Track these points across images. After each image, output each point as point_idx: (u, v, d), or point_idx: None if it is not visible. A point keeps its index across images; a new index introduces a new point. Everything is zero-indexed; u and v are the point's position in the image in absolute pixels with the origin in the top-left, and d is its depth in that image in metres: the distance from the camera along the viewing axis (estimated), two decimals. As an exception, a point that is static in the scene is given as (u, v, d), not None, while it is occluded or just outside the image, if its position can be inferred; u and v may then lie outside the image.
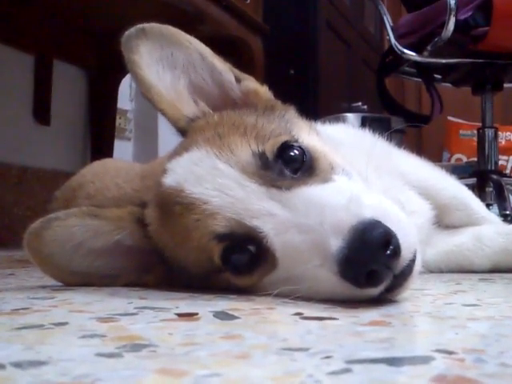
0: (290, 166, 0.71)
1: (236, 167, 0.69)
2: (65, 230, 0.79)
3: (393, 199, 0.70)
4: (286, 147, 0.72)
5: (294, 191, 0.67)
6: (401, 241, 0.59)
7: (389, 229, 0.59)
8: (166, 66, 0.84)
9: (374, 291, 0.61)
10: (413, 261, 0.62)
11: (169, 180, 0.75)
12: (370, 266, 0.58)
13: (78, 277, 0.82)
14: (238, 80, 0.88)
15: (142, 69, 0.82)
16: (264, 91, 0.89)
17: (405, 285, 0.63)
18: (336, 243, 0.59)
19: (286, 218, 0.65)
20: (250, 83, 0.88)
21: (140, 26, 0.83)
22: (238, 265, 0.70)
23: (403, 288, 0.63)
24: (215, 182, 0.69)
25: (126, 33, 0.83)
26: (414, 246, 0.63)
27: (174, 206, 0.73)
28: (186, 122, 0.82)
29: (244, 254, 0.69)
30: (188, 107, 0.84)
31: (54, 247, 0.79)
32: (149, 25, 0.84)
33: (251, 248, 0.68)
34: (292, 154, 0.72)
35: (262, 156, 0.70)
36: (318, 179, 0.70)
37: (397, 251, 0.59)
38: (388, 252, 0.58)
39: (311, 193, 0.66)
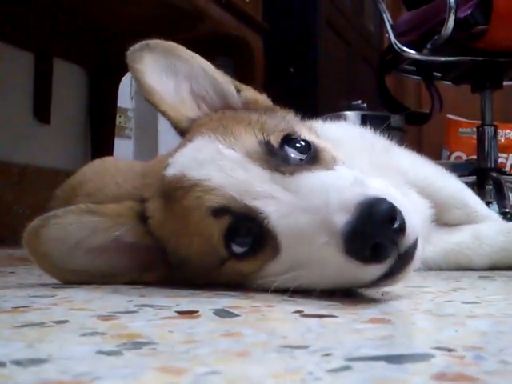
0: (295, 155, 0.72)
1: (240, 151, 0.70)
2: (62, 227, 0.78)
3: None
4: (290, 139, 0.73)
5: (297, 176, 0.67)
6: (406, 218, 0.60)
7: (395, 205, 0.59)
8: (169, 73, 0.87)
9: (379, 269, 0.60)
10: (415, 245, 0.62)
11: (171, 170, 0.76)
12: (376, 238, 0.58)
13: (77, 275, 0.81)
14: (237, 91, 0.90)
15: (145, 75, 0.85)
16: (263, 99, 0.91)
17: (407, 268, 0.62)
18: (342, 219, 0.59)
19: (288, 201, 0.65)
20: (249, 93, 0.90)
21: (144, 41, 0.87)
22: (240, 247, 0.69)
23: (405, 272, 0.63)
24: (217, 164, 0.70)
25: (131, 48, 0.86)
26: (417, 228, 0.62)
27: (175, 192, 0.73)
28: (188, 122, 0.83)
29: (246, 236, 0.69)
30: (191, 110, 0.86)
31: (52, 245, 0.78)
32: (153, 41, 0.87)
33: (253, 228, 0.68)
34: (297, 144, 0.73)
35: (267, 144, 0.71)
36: (321, 167, 0.70)
37: (402, 227, 0.59)
38: (394, 226, 0.58)
39: (315, 177, 0.67)
